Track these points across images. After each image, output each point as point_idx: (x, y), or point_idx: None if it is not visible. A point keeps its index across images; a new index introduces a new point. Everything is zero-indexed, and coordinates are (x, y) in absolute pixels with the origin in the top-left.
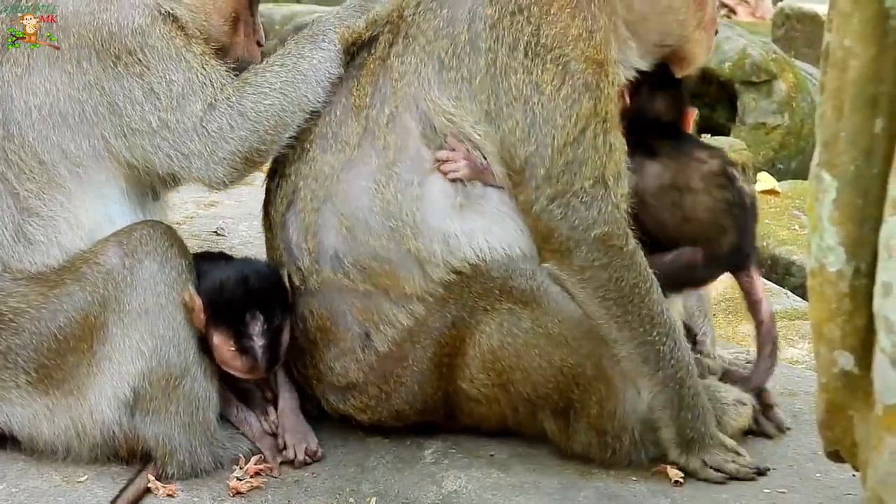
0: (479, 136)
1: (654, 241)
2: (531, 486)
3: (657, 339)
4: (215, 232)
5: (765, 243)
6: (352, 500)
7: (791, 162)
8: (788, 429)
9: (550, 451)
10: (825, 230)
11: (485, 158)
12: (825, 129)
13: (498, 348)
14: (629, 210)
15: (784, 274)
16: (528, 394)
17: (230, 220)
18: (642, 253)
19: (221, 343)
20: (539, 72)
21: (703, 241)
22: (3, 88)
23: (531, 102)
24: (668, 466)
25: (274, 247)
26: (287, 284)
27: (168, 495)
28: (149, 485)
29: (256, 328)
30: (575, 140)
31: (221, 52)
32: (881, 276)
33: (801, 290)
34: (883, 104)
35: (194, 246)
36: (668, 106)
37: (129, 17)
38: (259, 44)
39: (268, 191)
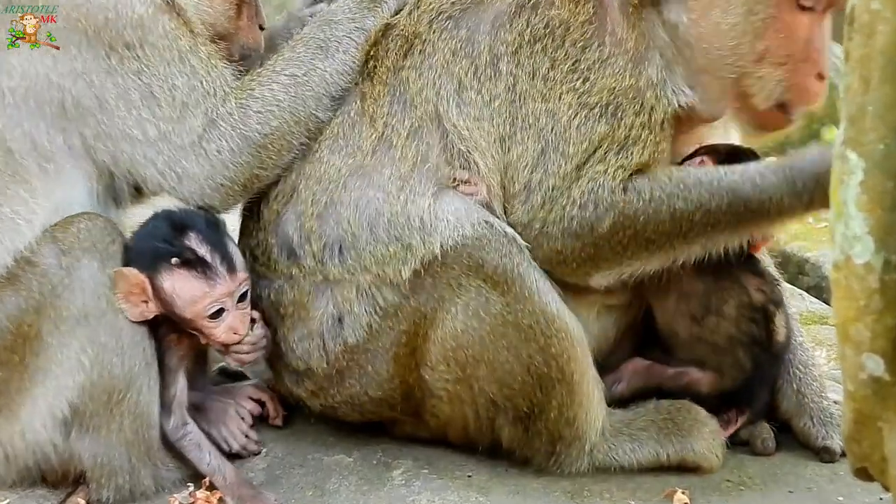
0: (488, 163)
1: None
2: None
3: (747, 189)
4: None
5: (775, 238)
6: None
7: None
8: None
9: (536, 471)
10: (851, 217)
11: (488, 191)
12: (851, 103)
13: (462, 333)
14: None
15: (797, 273)
16: (493, 394)
17: None
18: (671, 172)
19: (171, 278)
20: (556, 100)
21: (711, 367)
22: None
23: (545, 130)
24: (675, 491)
25: (259, 239)
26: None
27: None
28: None
29: (193, 239)
30: (583, 163)
31: (224, 38)
32: None
33: (814, 291)
34: None
35: None
36: None
37: (128, 4)
38: (261, 27)
39: None
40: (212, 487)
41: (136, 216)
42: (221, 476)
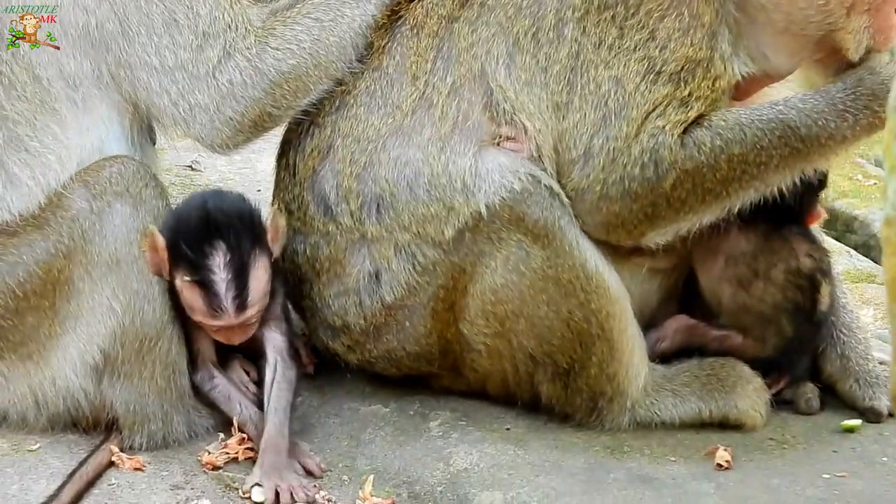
0: (536, 126)
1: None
2: (552, 465)
3: (793, 116)
4: (189, 166)
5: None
6: (345, 478)
7: None
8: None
9: (576, 426)
10: None
11: (537, 149)
12: None
13: (501, 287)
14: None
15: (844, 231)
16: (532, 349)
17: (207, 153)
18: (726, 116)
19: (182, 281)
20: (621, 68)
21: (753, 334)
22: None
23: (608, 96)
24: (718, 448)
25: (294, 194)
26: (265, 222)
27: (135, 469)
28: (112, 458)
29: (217, 259)
30: (643, 121)
31: None
32: None
33: (862, 249)
34: None
35: (165, 182)
36: (797, 194)
37: None
38: None
39: (290, 131)
40: (245, 438)
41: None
42: (254, 426)
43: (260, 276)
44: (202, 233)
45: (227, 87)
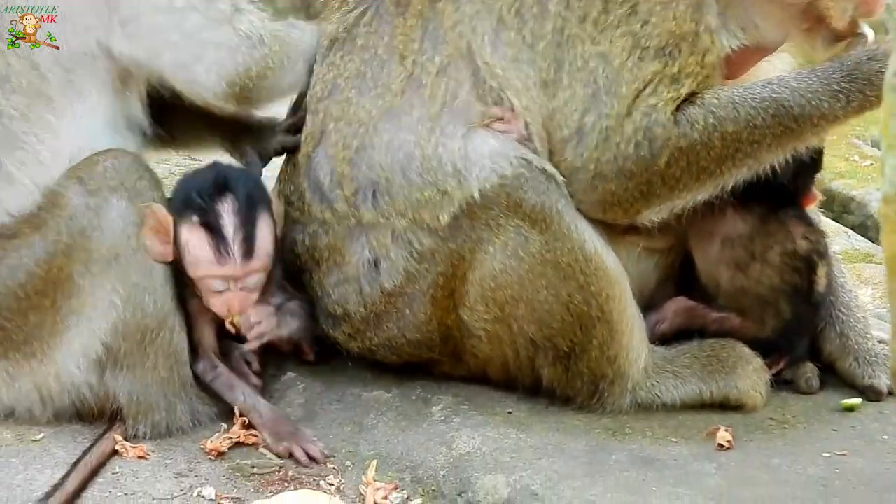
0: (524, 103)
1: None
2: (555, 448)
3: (786, 95)
4: (189, 156)
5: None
6: (348, 463)
7: None
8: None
9: (577, 409)
10: None
11: (526, 128)
12: None
13: (500, 273)
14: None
15: (841, 211)
16: (532, 333)
17: None
18: (719, 94)
19: (190, 226)
20: (607, 44)
21: (752, 316)
22: None
23: (596, 73)
24: (718, 428)
25: (294, 183)
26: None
27: (139, 457)
28: (116, 446)
29: (227, 206)
30: (634, 99)
31: None
32: None
33: (860, 229)
34: None
35: (165, 172)
36: (793, 176)
37: None
38: None
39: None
40: (248, 426)
41: None
42: (257, 413)
43: (265, 231)
44: (212, 184)
45: (238, 38)
